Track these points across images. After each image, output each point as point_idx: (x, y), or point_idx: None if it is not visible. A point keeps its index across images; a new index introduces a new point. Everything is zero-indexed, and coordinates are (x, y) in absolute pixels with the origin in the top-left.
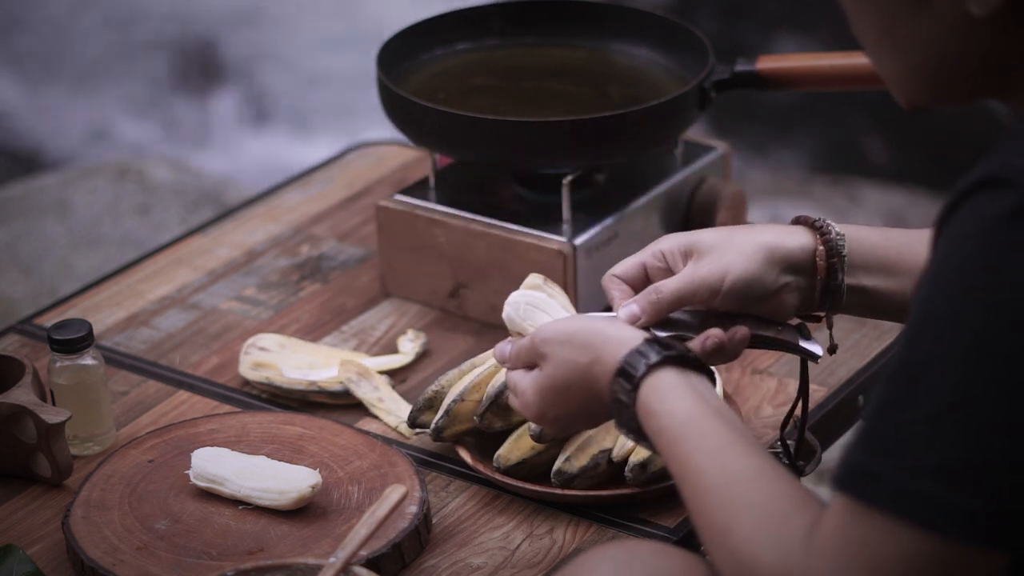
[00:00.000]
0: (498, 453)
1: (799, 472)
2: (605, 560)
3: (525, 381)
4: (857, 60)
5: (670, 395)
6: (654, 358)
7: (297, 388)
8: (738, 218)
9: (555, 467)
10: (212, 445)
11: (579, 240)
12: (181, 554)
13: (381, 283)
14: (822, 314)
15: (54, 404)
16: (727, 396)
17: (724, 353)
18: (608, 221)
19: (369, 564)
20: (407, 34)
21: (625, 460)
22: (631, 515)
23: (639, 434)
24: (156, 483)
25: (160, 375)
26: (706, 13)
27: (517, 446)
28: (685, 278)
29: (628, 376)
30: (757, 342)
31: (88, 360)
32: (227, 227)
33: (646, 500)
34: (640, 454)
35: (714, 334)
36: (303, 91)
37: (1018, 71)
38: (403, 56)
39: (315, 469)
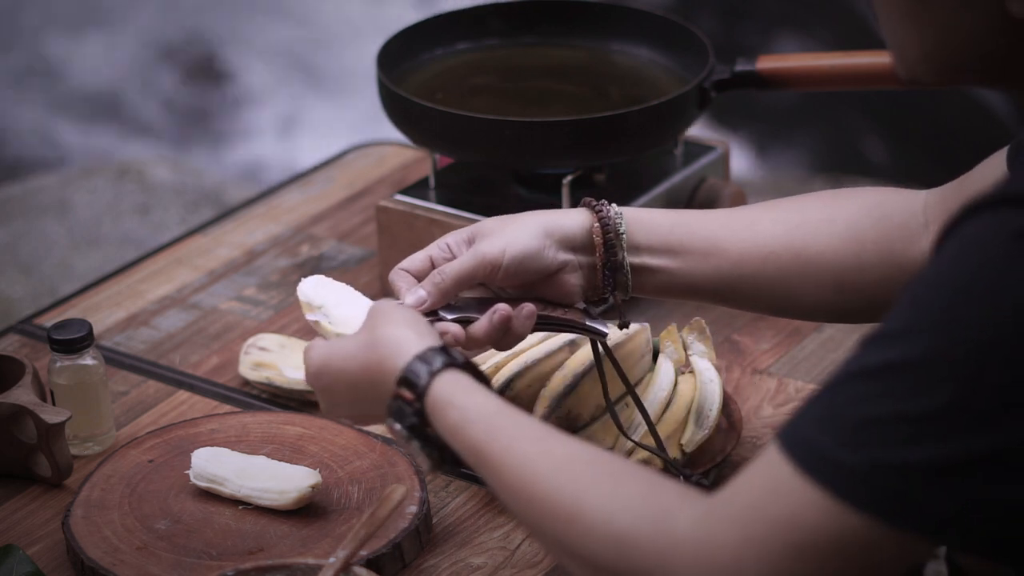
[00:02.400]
0: None
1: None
2: None
3: (322, 347)
4: (857, 60)
5: (471, 389)
6: (443, 362)
7: (297, 388)
8: None
9: None
10: (212, 445)
11: None
12: (181, 554)
13: (381, 283)
14: (616, 298)
15: (54, 404)
16: (727, 396)
17: (512, 331)
18: None
19: (369, 564)
20: (407, 34)
21: None
22: None
23: (421, 432)
24: (156, 483)
25: (160, 375)
26: (706, 13)
27: None
28: (467, 257)
29: (425, 361)
30: (544, 321)
31: (88, 360)
32: (227, 227)
33: None
34: (640, 454)
35: (501, 308)
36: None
37: None
38: (403, 56)
39: (315, 469)
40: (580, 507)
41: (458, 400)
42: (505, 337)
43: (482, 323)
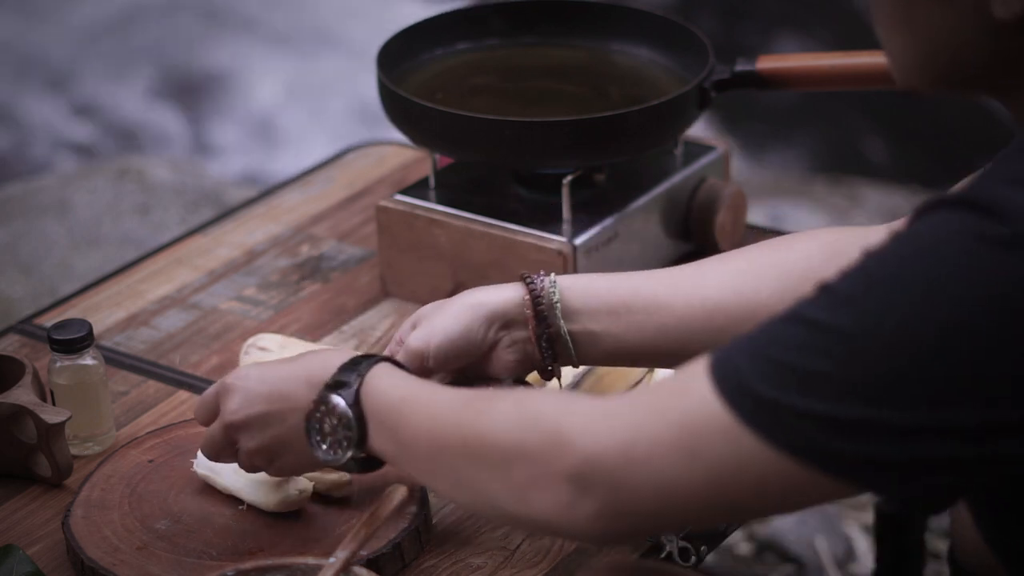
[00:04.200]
0: None
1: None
2: None
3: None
4: (857, 60)
5: (403, 375)
6: (373, 359)
7: None
8: (738, 218)
9: None
10: None
11: (579, 240)
12: (181, 554)
13: (381, 283)
14: (556, 368)
15: (54, 404)
16: None
17: None
18: (608, 221)
19: (369, 564)
20: (407, 34)
21: None
22: None
23: (359, 423)
24: (156, 483)
25: (160, 375)
26: (706, 13)
27: None
28: (400, 352)
29: (353, 365)
30: None
31: (88, 360)
32: (227, 227)
33: None
34: None
35: None
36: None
37: (1022, 78)
38: (403, 56)
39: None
40: (491, 405)
41: (392, 379)
42: None
43: None
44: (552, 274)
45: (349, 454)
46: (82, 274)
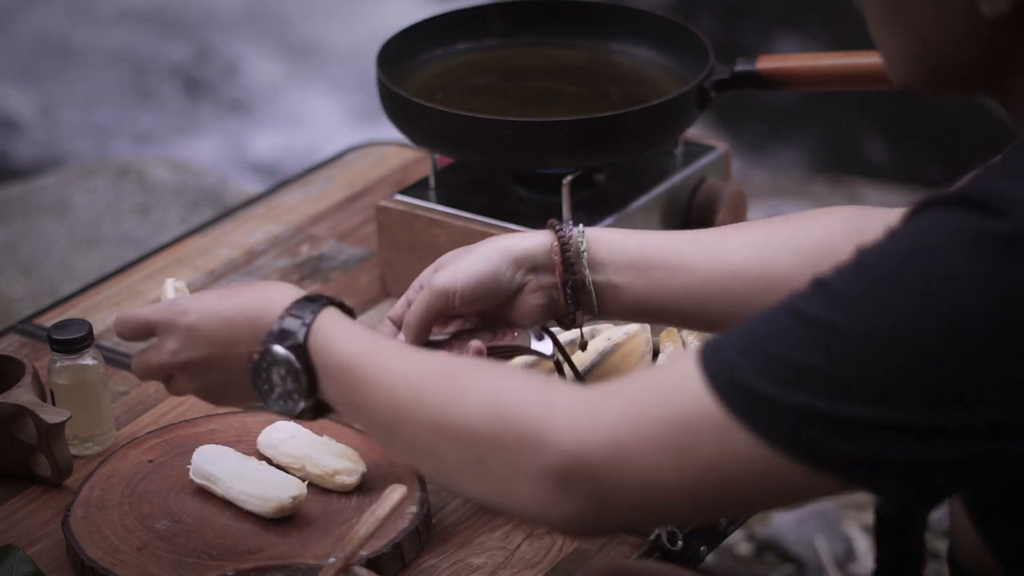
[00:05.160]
0: None
1: None
2: None
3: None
4: (857, 60)
5: (351, 325)
6: (318, 304)
7: None
8: (738, 218)
9: None
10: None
11: None
12: (181, 554)
13: (381, 283)
14: (579, 318)
15: (54, 404)
16: None
17: None
18: (608, 221)
19: (369, 564)
20: (407, 34)
21: None
22: None
23: (308, 381)
24: (156, 483)
25: None
26: (706, 13)
27: None
28: (424, 292)
29: (298, 310)
30: (495, 352)
31: (88, 360)
32: (227, 227)
33: None
34: None
35: (475, 345)
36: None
37: (1016, 76)
38: (403, 56)
39: (304, 481)
40: (465, 385)
41: (341, 335)
42: None
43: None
44: (580, 224)
45: (301, 405)
46: (82, 274)
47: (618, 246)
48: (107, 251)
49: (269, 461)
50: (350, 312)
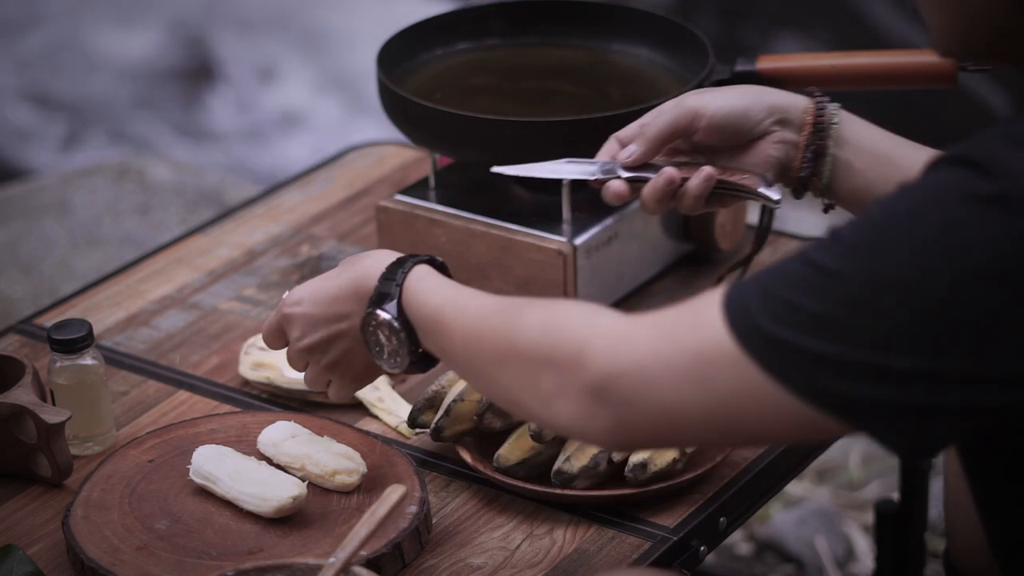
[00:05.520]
0: (498, 453)
1: None
2: None
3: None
4: (857, 60)
5: (439, 279)
6: (407, 264)
7: (297, 388)
8: (738, 218)
9: (555, 467)
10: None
11: (579, 240)
12: (181, 554)
13: None
14: (815, 183)
15: (54, 404)
16: None
17: (688, 193)
18: (608, 221)
19: (369, 564)
20: (407, 34)
21: (625, 460)
22: (631, 515)
23: (406, 331)
24: (156, 483)
25: (160, 375)
26: (706, 13)
27: (517, 446)
28: (671, 106)
29: (391, 274)
30: (723, 186)
31: (88, 360)
32: (227, 227)
33: (646, 500)
34: (640, 454)
35: (667, 171)
36: None
37: None
38: (403, 56)
39: (305, 481)
40: (522, 315)
41: (428, 283)
42: (681, 200)
43: (650, 184)
44: (837, 103)
45: (408, 360)
46: (82, 274)
47: (865, 132)
48: (107, 251)
49: (269, 461)
50: (440, 266)
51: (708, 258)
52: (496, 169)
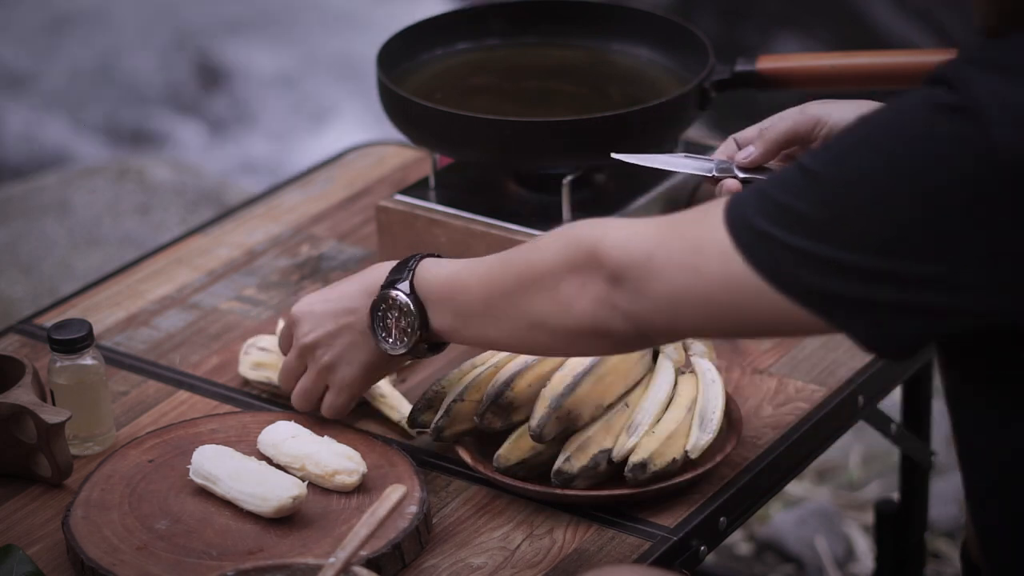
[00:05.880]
0: (498, 453)
1: None
2: None
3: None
4: (857, 60)
5: (448, 260)
6: (416, 257)
7: None
8: None
9: (555, 467)
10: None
11: None
12: (181, 554)
13: None
14: None
15: (54, 404)
16: (727, 396)
17: None
18: None
19: (369, 564)
20: (407, 34)
21: (625, 460)
22: (631, 515)
23: (419, 310)
24: (156, 483)
25: (160, 375)
26: (706, 13)
27: (517, 446)
28: (794, 112)
29: (402, 265)
30: None
31: (88, 360)
32: (227, 227)
33: (646, 500)
34: (640, 454)
35: (729, 184)
36: None
37: None
38: (403, 56)
39: (304, 481)
40: (538, 244)
41: (437, 267)
42: None
43: (730, 182)
44: None
45: (417, 336)
46: (82, 274)
47: None
48: (107, 251)
49: (269, 461)
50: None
51: None
52: (616, 155)
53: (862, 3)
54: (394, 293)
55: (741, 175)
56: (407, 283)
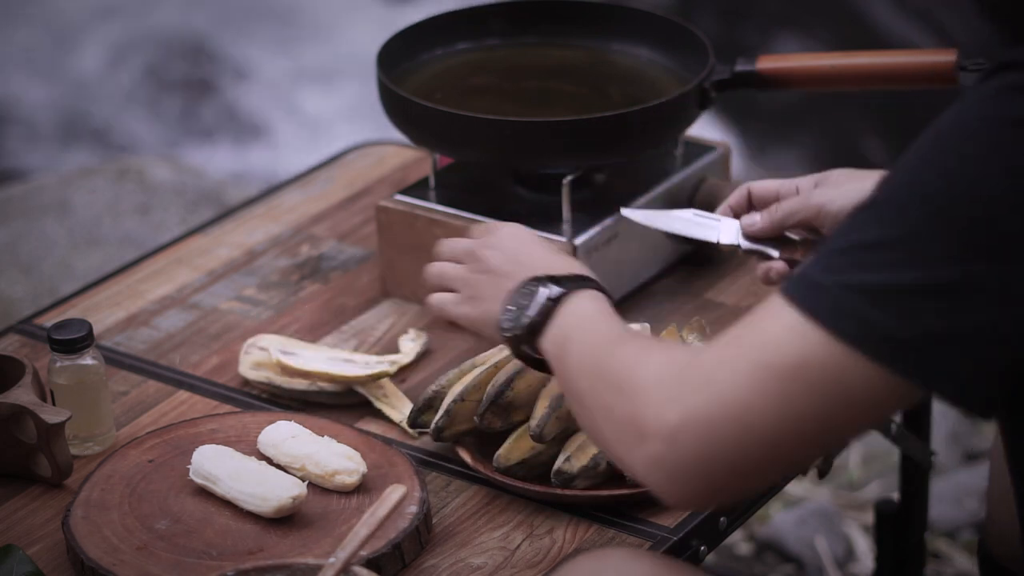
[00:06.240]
0: (498, 453)
1: None
2: (576, 572)
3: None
4: (857, 60)
5: (604, 305)
6: (592, 283)
7: (297, 388)
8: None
9: (555, 467)
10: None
11: (579, 240)
12: (181, 554)
13: (381, 283)
14: None
15: (54, 404)
16: None
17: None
18: (608, 221)
19: (369, 564)
20: (407, 34)
21: None
22: (631, 515)
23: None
24: (156, 483)
25: (160, 375)
26: (706, 13)
27: (517, 446)
28: (803, 197)
29: (580, 277)
30: None
31: (88, 360)
32: (227, 227)
33: (646, 500)
34: None
35: (776, 266)
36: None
37: None
38: (403, 56)
39: (305, 481)
40: (628, 349)
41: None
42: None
43: (762, 270)
44: None
45: (523, 324)
46: (82, 274)
47: None
48: (107, 251)
49: (269, 461)
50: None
51: (708, 258)
52: (625, 212)
53: (862, 3)
54: (544, 289)
55: (745, 245)
56: (558, 292)
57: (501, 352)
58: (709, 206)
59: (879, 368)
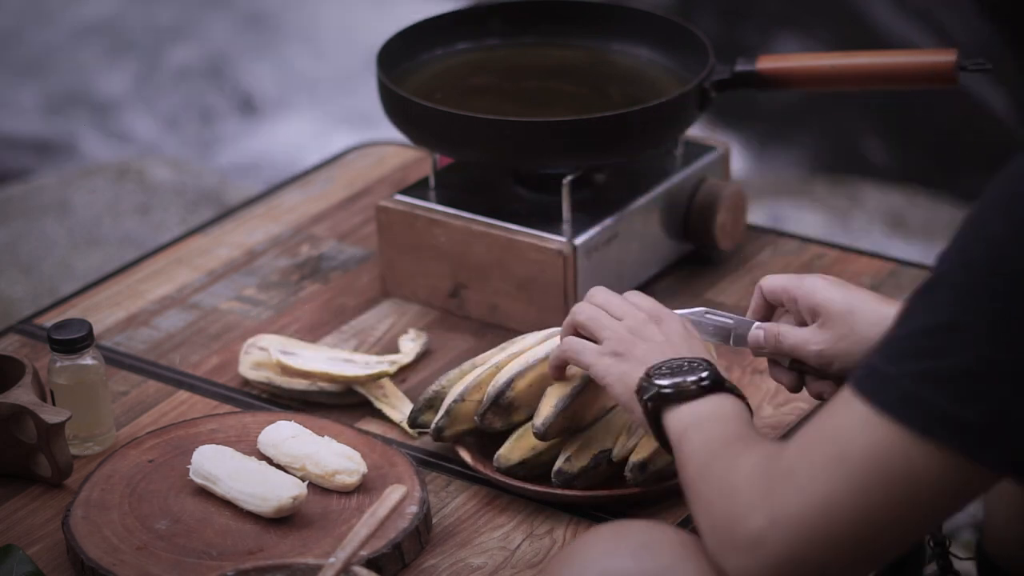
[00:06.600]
0: (498, 453)
1: None
2: (598, 538)
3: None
4: (857, 60)
5: (740, 409)
6: (729, 385)
7: (297, 388)
8: (738, 218)
9: (555, 467)
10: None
11: (579, 240)
12: (181, 554)
13: (381, 283)
14: None
15: (54, 404)
16: None
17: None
18: (608, 221)
19: (369, 564)
20: (407, 34)
21: (625, 460)
22: (631, 515)
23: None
24: (156, 483)
25: (160, 375)
26: (706, 13)
27: (517, 446)
28: (808, 340)
29: (719, 378)
30: None
31: (88, 360)
32: (227, 227)
33: (646, 500)
34: (640, 454)
35: (785, 380)
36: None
37: None
38: (403, 56)
39: (305, 481)
40: (734, 454)
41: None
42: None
43: (773, 373)
44: None
45: (646, 406)
46: (82, 274)
47: None
48: (107, 251)
49: (269, 461)
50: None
51: (708, 258)
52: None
53: (862, 3)
54: (706, 372)
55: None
56: (717, 382)
57: (501, 352)
58: (709, 206)
59: (949, 454)
